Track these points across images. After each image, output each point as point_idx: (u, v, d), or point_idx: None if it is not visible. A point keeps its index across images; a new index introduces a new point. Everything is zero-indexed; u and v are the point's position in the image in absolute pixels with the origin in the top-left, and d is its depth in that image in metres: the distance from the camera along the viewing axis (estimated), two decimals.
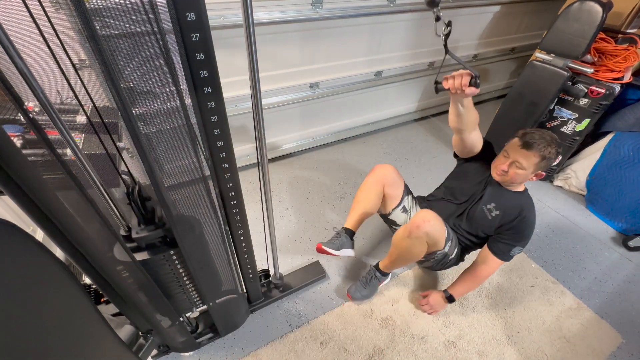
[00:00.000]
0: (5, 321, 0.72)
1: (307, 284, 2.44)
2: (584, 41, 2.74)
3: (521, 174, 1.97)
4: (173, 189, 1.22)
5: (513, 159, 1.98)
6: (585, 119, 3.12)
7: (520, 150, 1.95)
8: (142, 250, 1.41)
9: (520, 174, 1.97)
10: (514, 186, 2.10)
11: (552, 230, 3.11)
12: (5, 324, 0.72)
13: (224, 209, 1.57)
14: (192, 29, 0.99)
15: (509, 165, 1.99)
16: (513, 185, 2.08)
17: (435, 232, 2.00)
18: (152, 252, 1.42)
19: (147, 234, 1.37)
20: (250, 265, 1.94)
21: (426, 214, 2.00)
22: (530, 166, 1.94)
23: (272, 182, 3.34)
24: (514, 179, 2.00)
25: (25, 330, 0.78)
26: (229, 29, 2.50)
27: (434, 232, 2.00)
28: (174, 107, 1.05)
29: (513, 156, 1.98)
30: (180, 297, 1.69)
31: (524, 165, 1.94)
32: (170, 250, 1.44)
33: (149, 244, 1.42)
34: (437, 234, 2.01)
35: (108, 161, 1.25)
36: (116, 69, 0.92)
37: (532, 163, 1.93)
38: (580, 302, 2.51)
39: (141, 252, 1.41)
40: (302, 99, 3.29)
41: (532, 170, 1.96)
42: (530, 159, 1.93)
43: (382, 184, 2.34)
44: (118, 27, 0.86)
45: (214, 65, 1.09)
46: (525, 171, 1.96)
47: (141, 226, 1.38)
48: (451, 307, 2.39)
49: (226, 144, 1.33)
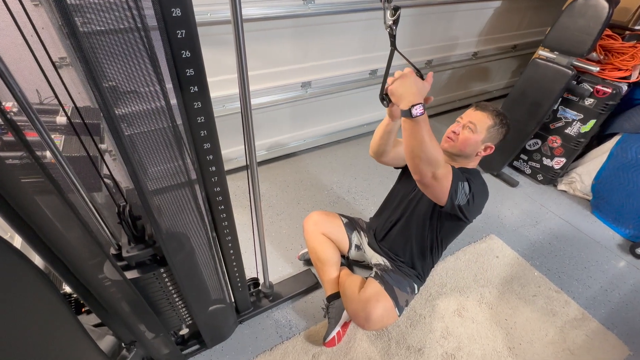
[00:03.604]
0: None
1: (298, 293, 2.44)
2: (589, 38, 2.75)
3: (472, 138, 1.95)
4: (158, 193, 1.23)
5: (466, 120, 1.98)
6: (590, 120, 3.14)
7: (475, 111, 1.99)
8: (132, 269, 1.42)
9: (470, 139, 1.95)
10: (462, 161, 2.05)
11: (556, 237, 3.12)
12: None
13: (211, 215, 1.57)
14: (178, 25, 0.99)
15: (462, 127, 1.98)
16: (461, 158, 2.04)
17: (382, 322, 2.05)
18: (143, 271, 1.43)
19: (137, 253, 1.38)
20: (238, 273, 1.95)
21: (367, 308, 2.01)
22: (482, 130, 1.94)
23: (262, 186, 3.34)
24: (463, 145, 1.97)
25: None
26: (217, 26, 2.51)
27: (381, 323, 2.05)
28: (158, 107, 1.06)
29: (466, 118, 1.99)
30: (169, 314, 1.70)
31: (477, 127, 1.94)
32: (161, 268, 1.45)
33: (139, 262, 1.43)
34: (385, 321, 2.07)
35: (89, 164, 1.25)
36: (98, 67, 0.92)
37: (485, 127, 1.94)
38: (586, 312, 2.51)
39: (131, 270, 1.42)
40: (293, 98, 3.30)
41: (483, 137, 1.95)
42: (483, 121, 1.94)
43: (320, 234, 2.39)
44: (100, 23, 0.86)
45: (201, 63, 1.10)
46: (476, 136, 1.94)
47: (131, 245, 1.39)
48: (449, 317, 2.39)
49: (213, 146, 1.33)
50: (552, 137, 3.42)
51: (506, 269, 2.76)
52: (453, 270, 2.71)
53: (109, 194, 1.31)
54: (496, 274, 2.71)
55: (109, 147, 1.56)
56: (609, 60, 2.99)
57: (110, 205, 1.36)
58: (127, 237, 1.38)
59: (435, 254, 2.20)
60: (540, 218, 3.30)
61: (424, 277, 2.26)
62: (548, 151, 3.50)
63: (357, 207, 3.20)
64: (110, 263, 1.26)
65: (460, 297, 2.52)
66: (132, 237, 1.38)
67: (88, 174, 1.29)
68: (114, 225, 1.37)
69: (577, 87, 3.06)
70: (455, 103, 4.89)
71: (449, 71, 4.40)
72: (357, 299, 2.06)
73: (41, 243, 0.98)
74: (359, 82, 3.58)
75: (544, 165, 3.60)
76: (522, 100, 3.25)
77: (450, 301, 2.49)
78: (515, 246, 2.97)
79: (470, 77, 4.76)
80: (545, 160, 3.56)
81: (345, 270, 2.36)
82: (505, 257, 2.85)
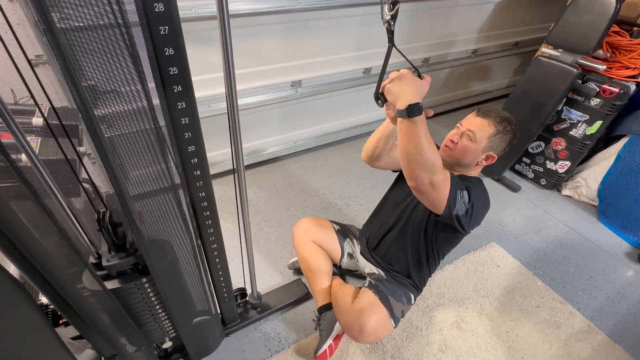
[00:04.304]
0: None
1: (288, 304, 2.44)
2: (595, 35, 2.77)
3: (471, 148, 1.93)
4: (139, 198, 1.23)
5: (465, 128, 1.95)
6: (596, 121, 3.15)
7: (475, 118, 1.96)
8: (112, 278, 1.42)
9: (469, 149, 1.93)
10: (461, 170, 2.04)
11: (560, 245, 3.13)
12: None
13: (196, 221, 1.57)
14: (161, 20, 0.99)
15: (460, 135, 1.96)
16: (460, 167, 2.03)
17: (377, 334, 2.07)
18: (124, 280, 1.43)
19: (118, 262, 1.38)
20: (224, 283, 1.95)
21: (360, 319, 2.01)
22: (482, 139, 1.91)
23: (250, 191, 3.35)
24: (462, 154, 1.95)
25: None
26: (202, 22, 2.52)
27: (376, 335, 2.07)
28: (140, 107, 1.06)
29: (466, 125, 1.96)
30: (151, 326, 1.70)
31: (477, 136, 1.91)
32: (143, 278, 1.45)
33: (119, 271, 1.43)
34: (380, 332, 2.08)
35: (67, 168, 1.25)
36: (76, 66, 0.92)
37: (486, 135, 1.91)
38: (591, 324, 2.51)
39: (111, 280, 1.41)
40: (283, 98, 3.31)
41: (484, 146, 1.93)
42: (484, 129, 1.91)
43: (311, 242, 2.40)
44: (79, 19, 0.86)
45: (185, 61, 1.10)
46: (476, 145, 1.92)
47: (112, 253, 1.39)
48: (448, 330, 2.40)
49: (198, 149, 1.34)
50: (556, 140, 3.44)
51: (507, 278, 2.77)
52: (452, 279, 2.72)
53: (87, 200, 1.32)
54: (497, 283, 2.72)
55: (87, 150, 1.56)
56: (616, 58, 3.00)
57: (89, 211, 1.36)
58: (107, 245, 1.38)
59: (432, 263, 2.20)
60: (544, 225, 3.32)
61: (420, 286, 2.27)
62: (552, 154, 3.52)
63: (349, 214, 3.21)
64: (90, 272, 1.26)
65: (459, 309, 2.53)
66: (112, 245, 1.38)
67: (66, 179, 1.29)
68: (94, 232, 1.37)
69: (583, 86, 3.08)
70: (453, 103, 4.91)
71: (447, 70, 4.42)
72: (350, 309, 2.06)
73: (16, 251, 0.98)
74: (352, 81, 3.59)
75: (547, 169, 3.61)
76: (525, 101, 3.27)
77: (449, 313, 2.50)
78: (517, 254, 2.98)
79: (469, 76, 4.78)
80: (549, 163, 3.57)
81: (338, 280, 2.36)
82: (506, 266, 2.86)
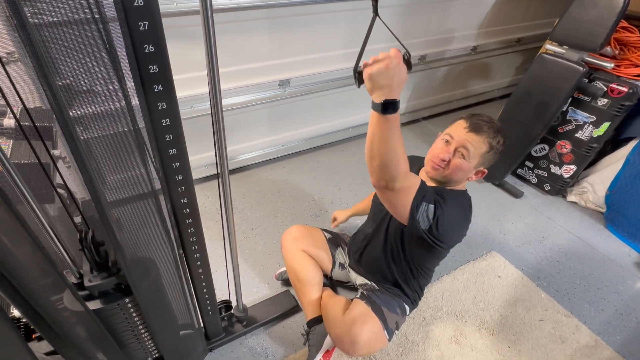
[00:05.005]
0: None
1: (275, 317, 2.44)
2: (602, 31, 2.76)
3: (464, 167, 1.90)
4: (117, 205, 1.23)
5: (458, 144, 1.90)
6: (604, 123, 3.14)
7: (468, 133, 1.89)
8: (94, 299, 1.42)
9: (463, 167, 1.90)
10: (449, 185, 2.02)
11: (565, 254, 3.14)
12: None
13: (178, 229, 1.57)
14: (140, 15, 0.98)
15: (452, 153, 1.91)
16: (447, 184, 2.01)
17: (370, 347, 2.08)
18: (106, 301, 1.43)
19: (100, 282, 1.38)
20: (208, 295, 1.94)
21: (352, 332, 2.00)
22: (476, 156, 1.89)
23: (235, 197, 3.35)
24: (454, 174, 1.93)
25: None
26: (184, 17, 2.52)
27: (369, 348, 2.08)
28: (118, 108, 1.06)
29: (458, 140, 1.91)
30: (134, 347, 1.70)
31: (470, 153, 1.88)
32: (126, 298, 1.46)
33: (102, 291, 1.43)
34: (373, 345, 2.09)
35: (41, 172, 1.25)
36: (50, 64, 0.91)
37: (480, 152, 1.89)
38: (599, 338, 2.51)
39: (93, 300, 1.41)
40: (270, 98, 3.32)
41: (476, 163, 1.92)
42: (478, 146, 1.88)
43: (300, 251, 2.40)
44: (53, 14, 0.86)
45: (166, 58, 1.10)
46: (469, 163, 1.90)
47: (94, 273, 1.39)
48: (445, 344, 2.40)
49: (180, 152, 1.33)
50: (560, 142, 3.45)
51: (509, 290, 2.78)
52: (450, 291, 2.72)
53: (62, 206, 1.31)
54: (498, 295, 2.72)
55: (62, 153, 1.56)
56: (625, 56, 3.02)
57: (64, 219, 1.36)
58: (89, 264, 1.38)
59: (418, 276, 2.22)
60: (548, 233, 3.33)
61: (413, 299, 2.28)
62: (556, 158, 3.53)
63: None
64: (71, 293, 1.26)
65: (457, 322, 2.53)
66: (94, 264, 1.37)
67: (39, 183, 1.29)
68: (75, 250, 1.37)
69: (589, 85, 3.08)
70: (452, 104, 4.94)
71: (445, 68, 4.45)
72: (341, 321, 2.06)
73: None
74: (343, 80, 3.59)
75: (551, 173, 3.62)
76: (527, 101, 3.28)
77: (447, 326, 2.50)
78: (519, 264, 2.98)
79: (469, 74, 4.81)
80: (553, 167, 3.58)
81: (328, 292, 2.37)
82: (508, 277, 2.87)
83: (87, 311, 1.32)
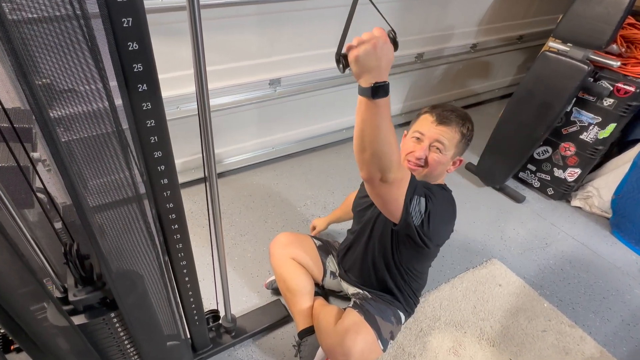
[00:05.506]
0: None
1: (265, 327, 2.44)
2: (608, 27, 2.76)
3: (442, 160, 1.94)
4: (100, 210, 1.22)
5: (431, 139, 1.93)
6: (610, 124, 3.15)
7: (438, 127, 1.93)
8: (79, 313, 1.41)
9: (441, 161, 1.94)
10: (432, 181, 2.03)
11: (569, 262, 3.14)
12: None
13: (163, 235, 1.57)
14: (123, 12, 0.98)
15: (427, 149, 1.94)
16: (428, 179, 2.02)
17: (364, 358, 2.04)
18: (91, 315, 1.42)
19: (85, 296, 1.37)
20: (195, 304, 1.94)
21: (345, 342, 1.98)
22: (451, 147, 1.93)
23: (223, 201, 3.34)
24: (433, 169, 1.95)
25: None
26: (170, 12, 2.52)
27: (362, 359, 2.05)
28: (100, 108, 1.05)
29: (430, 136, 1.94)
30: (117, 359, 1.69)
31: (446, 145, 1.91)
32: (111, 312, 1.45)
33: (86, 305, 1.42)
34: (367, 356, 2.06)
35: (20, 175, 1.24)
36: (29, 62, 0.91)
37: (454, 142, 1.93)
38: (604, 350, 2.50)
39: (78, 315, 1.40)
40: (260, 98, 3.32)
41: (452, 153, 1.96)
42: (451, 137, 1.92)
43: (290, 259, 2.39)
44: (32, 10, 0.86)
45: (151, 56, 1.10)
46: (445, 156, 1.94)
47: (78, 287, 1.38)
48: (444, 356, 2.40)
49: (165, 155, 1.33)
50: (564, 144, 3.45)
51: (510, 299, 2.78)
52: (448, 300, 2.72)
53: (42, 211, 1.31)
54: (499, 305, 2.72)
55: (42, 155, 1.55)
56: (631, 54, 3.02)
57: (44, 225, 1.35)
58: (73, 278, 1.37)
59: (410, 281, 2.22)
60: (551, 239, 3.34)
61: (407, 306, 2.28)
62: (560, 160, 3.53)
63: (334, 227, 3.20)
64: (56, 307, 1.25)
65: (456, 333, 2.53)
66: (79, 279, 1.37)
67: (18, 187, 1.29)
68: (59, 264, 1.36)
69: (594, 85, 3.07)
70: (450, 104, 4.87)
71: (444, 66, 4.46)
72: (333, 331, 2.06)
73: None
74: (337, 79, 3.60)
75: (555, 177, 3.62)
76: (530, 101, 3.28)
77: (445, 337, 2.50)
78: (521, 272, 2.99)
79: (468, 73, 4.82)
80: (557, 171, 3.59)
81: (320, 301, 2.36)
82: (509, 286, 2.87)
83: (72, 326, 1.31)
